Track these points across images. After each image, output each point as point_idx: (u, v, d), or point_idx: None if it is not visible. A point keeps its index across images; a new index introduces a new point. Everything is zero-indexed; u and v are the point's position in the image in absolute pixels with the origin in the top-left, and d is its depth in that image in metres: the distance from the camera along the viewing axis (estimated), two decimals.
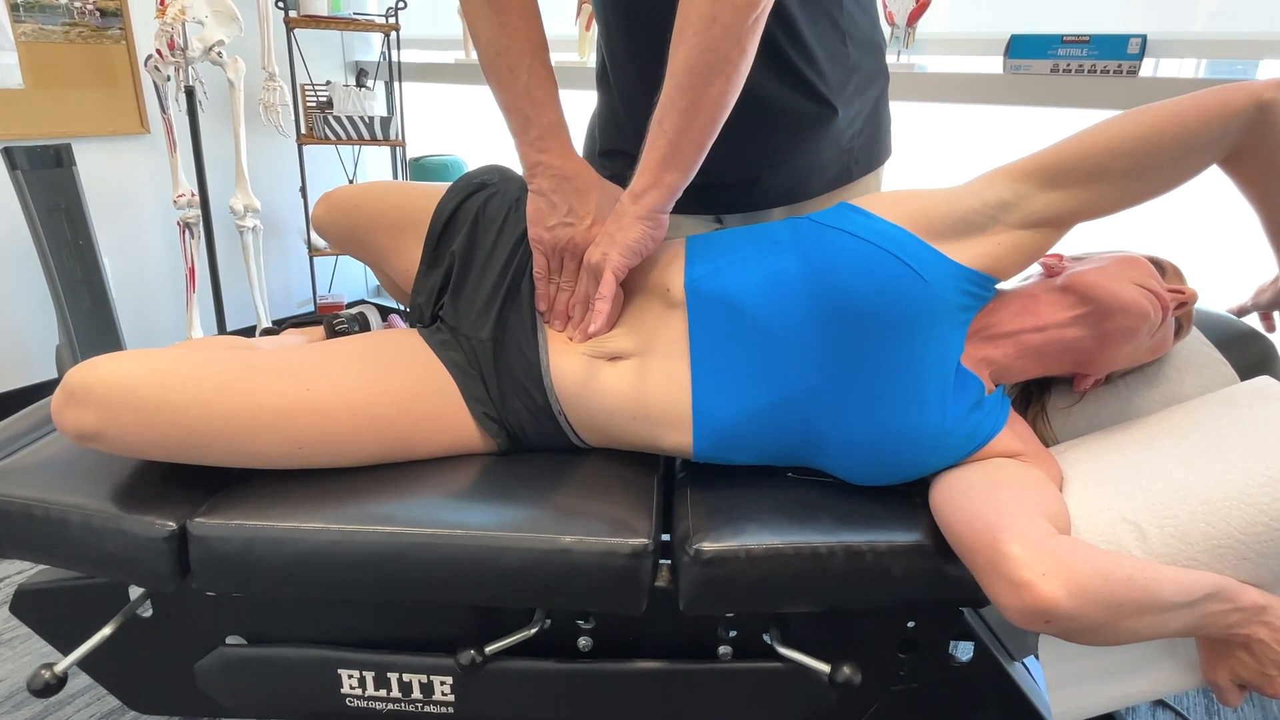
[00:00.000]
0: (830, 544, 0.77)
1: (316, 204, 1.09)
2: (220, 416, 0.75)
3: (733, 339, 0.82)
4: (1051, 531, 0.66)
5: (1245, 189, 0.83)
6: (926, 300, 0.77)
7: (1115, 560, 0.64)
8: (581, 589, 0.78)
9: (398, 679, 0.87)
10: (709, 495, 0.85)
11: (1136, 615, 0.63)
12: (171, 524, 0.78)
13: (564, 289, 0.88)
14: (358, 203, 1.06)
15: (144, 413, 0.73)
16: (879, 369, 0.78)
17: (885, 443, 0.80)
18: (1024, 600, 0.61)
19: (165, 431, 0.75)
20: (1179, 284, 0.87)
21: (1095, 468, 0.81)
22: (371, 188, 1.07)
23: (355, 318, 1.26)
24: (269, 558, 0.77)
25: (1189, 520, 0.72)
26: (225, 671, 0.89)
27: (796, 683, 0.85)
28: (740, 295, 0.82)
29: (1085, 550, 0.64)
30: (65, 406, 0.74)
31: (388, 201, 1.04)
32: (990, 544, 0.64)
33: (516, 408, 0.88)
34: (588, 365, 0.85)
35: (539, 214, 0.88)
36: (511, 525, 0.78)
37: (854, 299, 0.78)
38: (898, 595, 0.79)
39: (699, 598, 0.78)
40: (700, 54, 0.76)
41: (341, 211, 1.07)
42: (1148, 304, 0.80)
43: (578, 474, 0.87)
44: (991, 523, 0.66)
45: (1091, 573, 0.61)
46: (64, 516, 0.79)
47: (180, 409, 0.74)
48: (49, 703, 1.24)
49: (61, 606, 0.90)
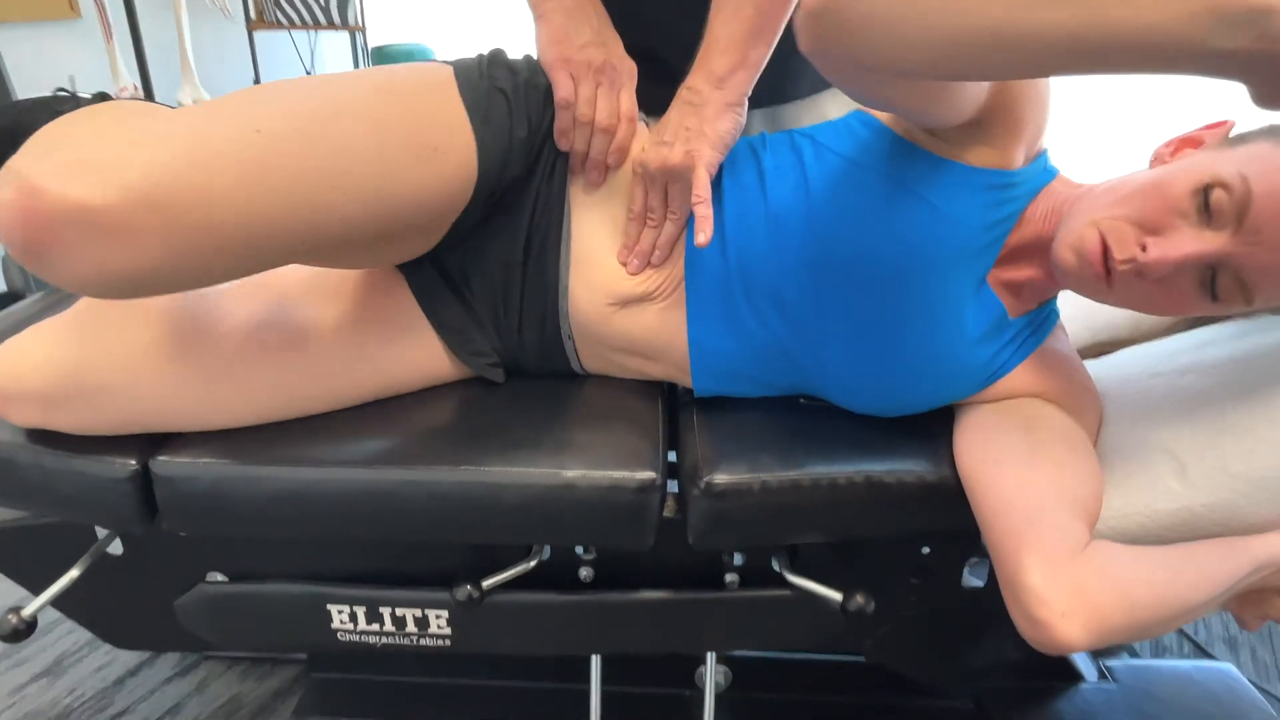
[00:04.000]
0: (849, 474, 0.73)
1: None
2: (160, 390, 0.68)
3: (727, 284, 0.75)
4: (1079, 545, 0.61)
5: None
6: (947, 241, 0.69)
7: (1145, 578, 0.61)
8: (585, 525, 0.73)
9: (390, 613, 0.83)
10: (719, 422, 0.79)
11: (1164, 625, 0.60)
12: (132, 462, 0.71)
13: (590, 111, 0.74)
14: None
15: (84, 402, 0.68)
16: (885, 315, 0.71)
17: (891, 384, 0.75)
18: (1039, 636, 0.58)
19: (110, 413, 0.69)
20: (1159, 239, 0.60)
21: (1139, 392, 0.76)
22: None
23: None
24: (245, 498, 0.71)
25: (1234, 452, 0.68)
26: (207, 609, 0.84)
27: (806, 610, 0.82)
28: (736, 238, 0.74)
29: (1112, 572, 0.60)
30: (4, 405, 0.69)
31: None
32: (1013, 564, 0.60)
33: (526, 336, 0.80)
34: (601, 303, 0.77)
35: (562, 33, 0.74)
36: (509, 459, 0.72)
37: (864, 253, 0.70)
38: (916, 524, 0.76)
39: (709, 532, 0.74)
40: None
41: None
42: (1077, 264, 0.63)
43: (577, 403, 0.81)
44: (1019, 529, 0.62)
45: (1116, 605, 0.58)
46: (10, 456, 0.72)
47: (123, 385, 0.67)
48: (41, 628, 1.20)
49: (26, 545, 0.84)
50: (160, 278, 0.54)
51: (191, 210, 0.53)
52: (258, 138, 0.56)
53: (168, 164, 0.52)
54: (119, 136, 0.54)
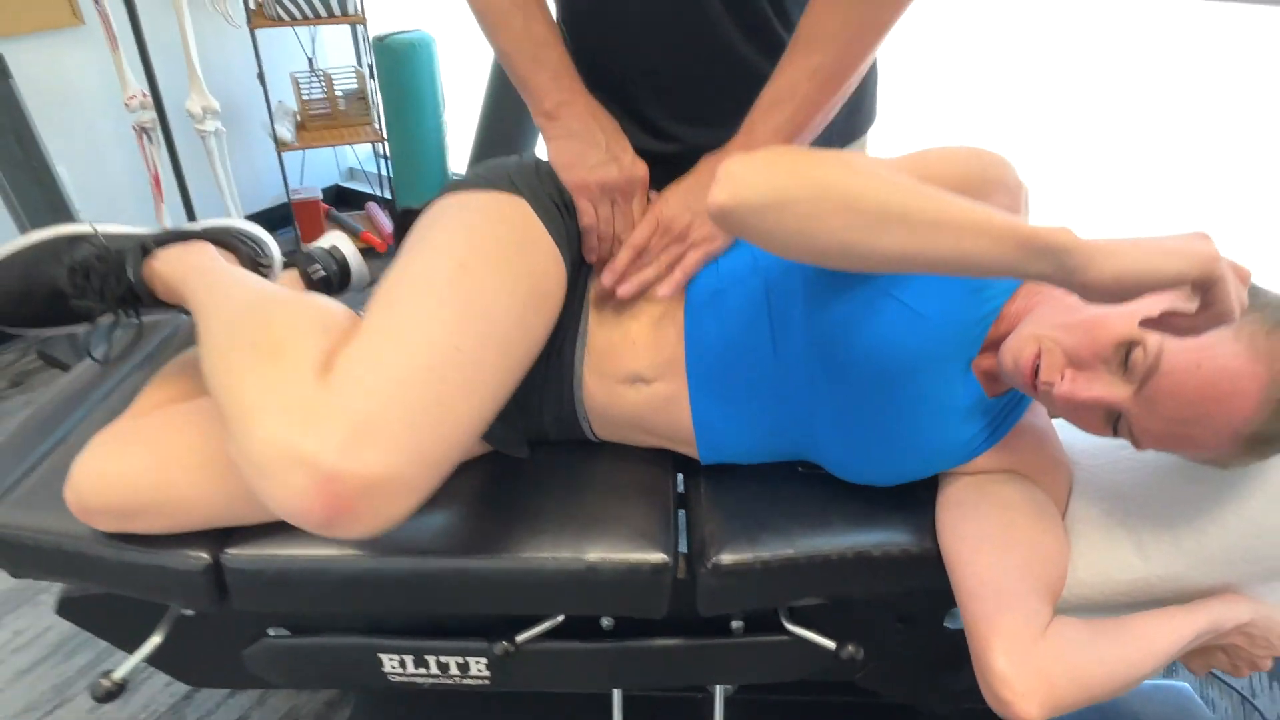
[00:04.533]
0: (841, 549, 0.82)
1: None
2: (234, 492, 0.75)
3: (729, 372, 0.82)
4: (1041, 628, 0.70)
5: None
6: (930, 339, 0.75)
7: (1099, 659, 0.69)
8: (606, 600, 0.82)
9: (436, 660, 0.94)
10: (724, 495, 0.88)
11: (1113, 695, 0.69)
12: (205, 556, 0.80)
13: (609, 237, 0.84)
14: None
15: (157, 512, 0.76)
16: (873, 405, 0.78)
17: (879, 462, 0.82)
18: (1002, 711, 0.67)
19: (182, 519, 0.78)
20: (1066, 372, 0.68)
21: (1108, 462, 0.83)
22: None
23: (330, 255, 1.21)
24: (306, 584, 0.81)
25: (1185, 530, 0.76)
26: (271, 659, 0.95)
27: (803, 652, 0.92)
28: (738, 330, 0.81)
29: (1070, 653, 0.68)
30: (81, 516, 0.77)
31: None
32: (983, 646, 0.69)
33: (546, 414, 0.88)
34: (611, 384, 0.85)
35: (577, 156, 0.81)
36: (537, 545, 0.81)
37: (851, 353, 0.76)
38: (902, 587, 0.85)
39: (716, 603, 0.83)
40: (856, 19, 0.73)
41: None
42: (1013, 370, 0.72)
43: (595, 478, 0.89)
44: (990, 614, 0.70)
45: (1070, 687, 0.67)
46: (99, 553, 0.81)
47: (191, 499, 0.76)
48: (99, 653, 1.33)
49: (111, 610, 0.94)
50: (425, 499, 0.62)
51: (449, 446, 0.62)
52: (459, 354, 0.64)
53: (419, 422, 0.59)
54: (353, 392, 0.59)
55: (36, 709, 1.25)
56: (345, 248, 1.23)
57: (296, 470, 0.55)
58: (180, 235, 0.83)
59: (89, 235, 0.83)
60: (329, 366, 0.61)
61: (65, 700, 1.26)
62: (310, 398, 0.58)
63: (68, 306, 0.83)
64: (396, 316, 0.66)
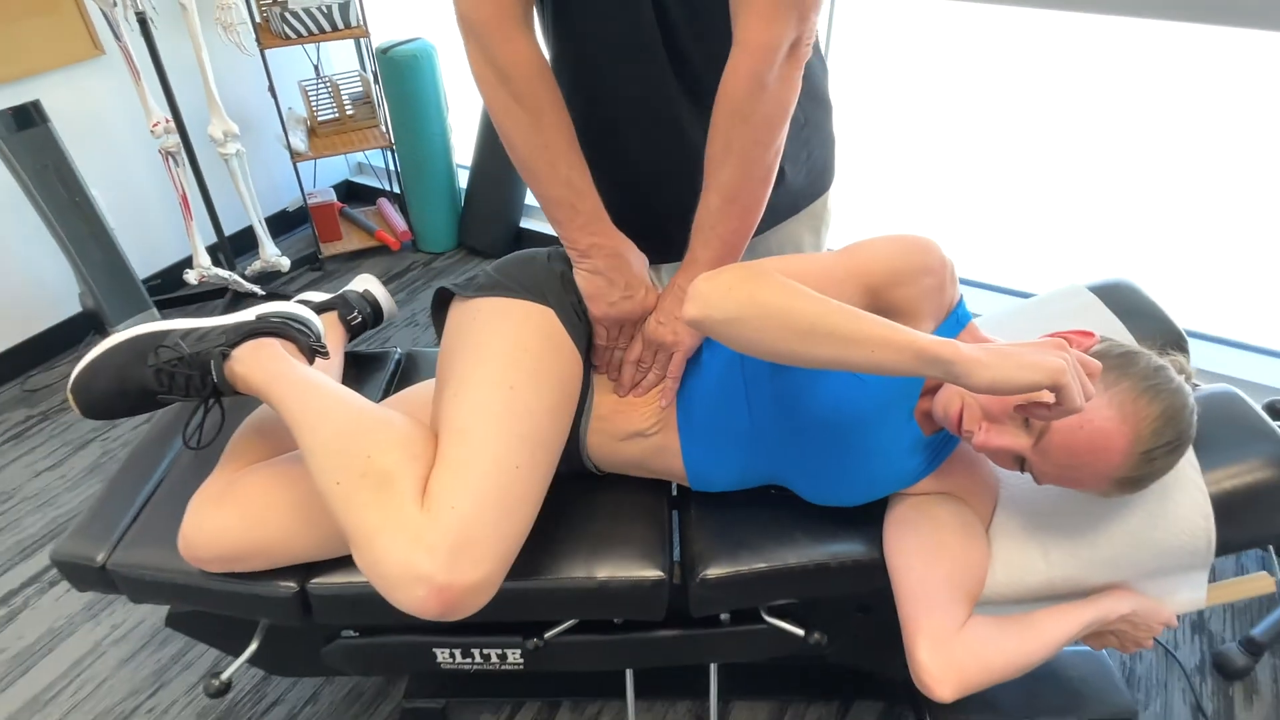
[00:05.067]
0: (804, 563, 1.01)
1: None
2: (315, 539, 0.95)
3: (712, 424, 1.00)
4: (958, 626, 0.88)
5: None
6: (872, 399, 0.92)
7: (1002, 651, 0.87)
8: (614, 608, 1.02)
9: (479, 652, 1.15)
10: (710, 517, 1.07)
11: (1014, 677, 0.88)
12: (293, 585, 1.00)
13: (621, 349, 1.02)
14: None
15: (261, 557, 0.95)
16: (830, 449, 0.96)
17: (836, 492, 1.00)
18: (923, 691, 0.87)
19: (275, 560, 0.98)
20: (984, 424, 0.84)
21: (1023, 494, 1.01)
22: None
23: (364, 299, 1.39)
24: (377, 606, 0.99)
25: (1082, 540, 0.94)
26: (345, 654, 1.16)
27: (778, 639, 1.12)
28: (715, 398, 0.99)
29: (980, 647, 0.87)
30: (193, 562, 0.98)
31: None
32: (911, 640, 0.88)
33: None
34: (612, 441, 1.03)
35: (599, 291, 0.97)
36: (556, 568, 1.00)
37: (811, 410, 0.93)
38: (858, 588, 1.04)
39: (704, 606, 1.03)
40: (746, 170, 0.89)
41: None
42: (943, 419, 0.88)
43: (601, 505, 1.08)
44: (918, 615, 0.89)
45: (978, 672, 0.85)
46: (205, 585, 1.01)
47: (281, 545, 0.95)
48: (186, 642, 1.55)
49: (213, 623, 1.15)
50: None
51: (516, 541, 0.86)
52: (519, 471, 0.86)
53: (498, 525, 0.83)
54: (448, 516, 0.80)
55: (140, 692, 1.47)
56: (375, 290, 1.40)
57: (418, 585, 0.78)
58: (250, 333, 0.98)
59: (167, 338, 0.98)
60: (426, 494, 0.82)
61: (164, 684, 1.49)
62: (418, 526, 0.79)
63: (155, 401, 0.99)
64: (468, 449, 0.86)
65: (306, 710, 1.43)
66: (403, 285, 2.61)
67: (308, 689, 1.46)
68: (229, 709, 1.43)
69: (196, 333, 0.99)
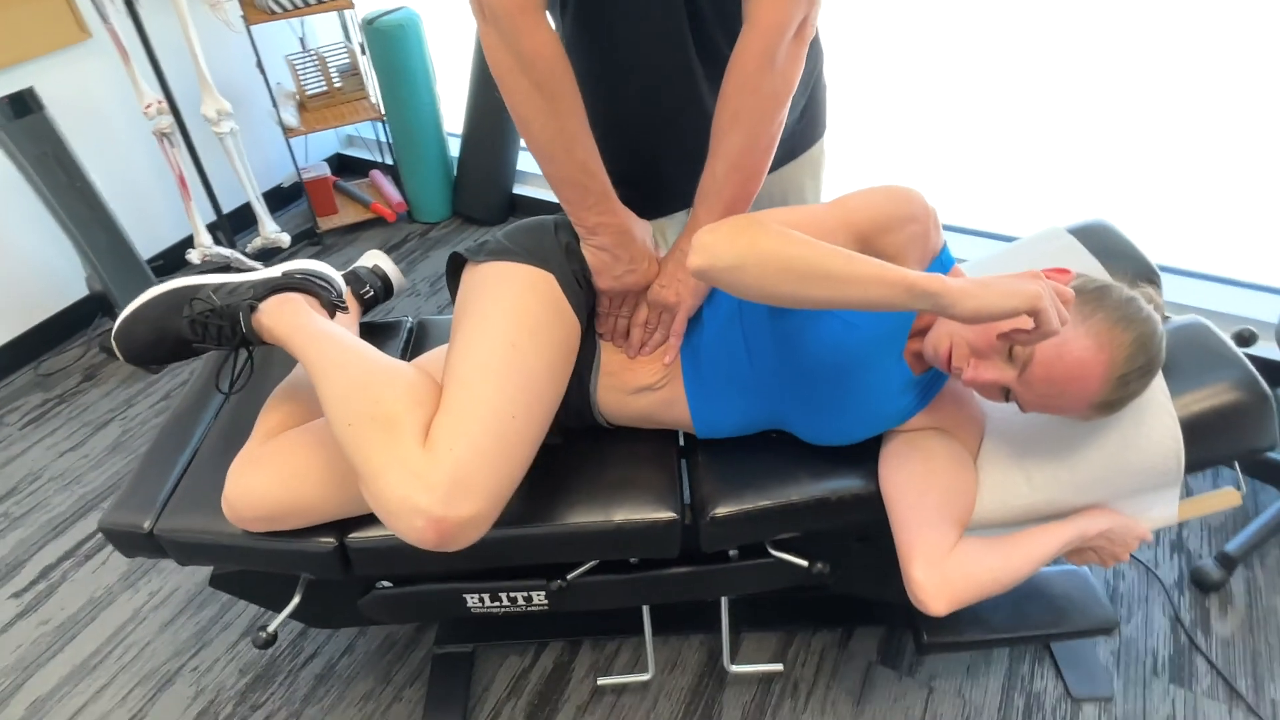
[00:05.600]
0: (806, 498, 1.08)
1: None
2: (349, 496, 1.01)
3: (716, 375, 1.07)
4: (949, 545, 0.96)
5: None
6: (863, 342, 0.98)
7: (990, 568, 0.95)
8: (631, 547, 1.10)
9: (506, 595, 1.23)
10: (716, 461, 1.14)
11: (1002, 593, 0.96)
12: (333, 540, 1.07)
13: (624, 317, 1.08)
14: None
15: (299, 515, 1.02)
16: (827, 390, 1.02)
17: (833, 431, 1.07)
18: (919, 607, 0.95)
19: (314, 518, 1.05)
20: (972, 358, 0.91)
21: (1008, 425, 1.08)
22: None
23: (374, 274, 1.45)
24: (411, 555, 1.07)
25: (1062, 464, 1.02)
26: (381, 604, 1.24)
27: (785, 570, 1.20)
28: (717, 350, 1.05)
29: (969, 565, 0.95)
30: (236, 523, 1.05)
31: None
32: (906, 561, 0.96)
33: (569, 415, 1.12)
34: (621, 395, 1.09)
35: (605, 266, 1.03)
36: (576, 512, 1.07)
37: (807, 356, 1.00)
38: (856, 520, 1.11)
39: (715, 542, 1.11)
40: (751, 140, 0.95)
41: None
42: (934, 359, 0.95)
43: (614, 455, 1.15)
44: (912, 538, 0.96)
45: (968, 588, 0.93)
46: (250, 544, 1.08)
47: (318, 504, 1.02)
48: (227, 599, 1.63)
49: (257, 581, 1.23)
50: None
51: (511, 483, 0.93)
52: (515, 421, 0.92)
53: (494, 467, 0.89)
54: (448, 458, 0.86)
55: (184, 653, 1.56)
56: (385, 264, 1.46)
57: (416, 517, 0.84)
58: (276, 287, 1.06)
59: (201, 291, 1.06)
60: (429, 436, 0.88)
61: (205, 644, 1.57)
62: (420, 464, 0.86)
63: (191, 349, 1.08)
64: (468, 398, 0.92)
65: (343, 661, 1.52)
66: (401, 256, 2.66)
67: (343, 641, 1.55)
68: (270, 663, 1.52)
69: (227, 287, 1.07)
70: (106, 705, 1.48)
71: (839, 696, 1.41)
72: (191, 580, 1.69)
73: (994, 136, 2.09)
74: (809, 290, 0.83)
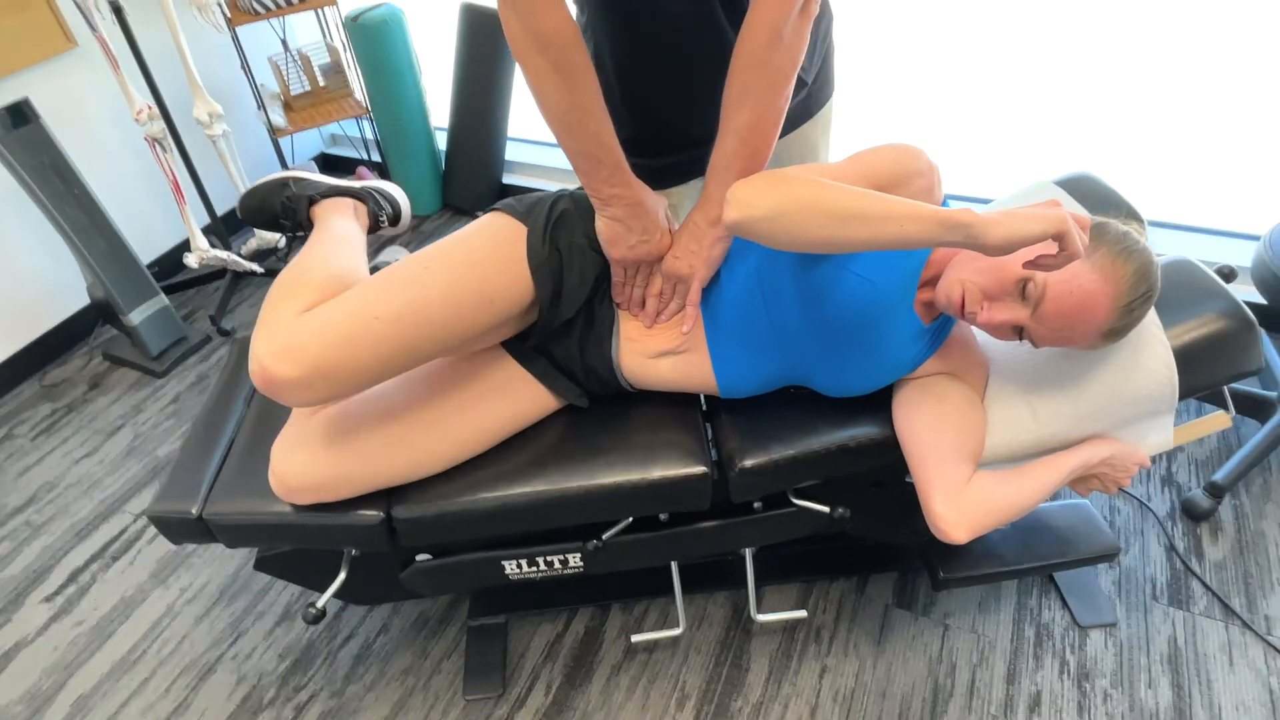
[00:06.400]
0: (828, 446, 1.14)
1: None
2: (394, 464, 1.08)
3: (737, 335, 1.12)
4: (965, 479, 1.03)
5: None
6: (878, 297, 1.04)
7: (1004, 496, 1.02)
8: (665, 502, 1.16)
9: (543, 559, 1.28)
10: (740, 418, 1.20)
11: (1018, 518, 1.03)
12: (379, 513, 1.12)
13: (639, 286, 1.12)
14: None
15: (339, 485, 1.09)
16: (845, 344, 1.08)
17: (851, 382, 1.13)
18: (940, 537, 1.01)
19: (359, 488, 1.11)
20: (984, 302, 0.97)
21: (1011, 365, 1.15)
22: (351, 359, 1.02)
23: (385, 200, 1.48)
24: (453, 523, 1.13)
25: (1065, 398, 1.09)
26: (423, 577, 1.29)
27: (806, 518, 1.27)
28: (737, 312, 1.11)
29: (985, 496, 1.01)
30: (285, 496, 1.11)
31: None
32: (926, 495, 1.02)
33: (592, 381, 1.18)
34: (643, 359, 1.14)
35: (618, 237, 1.07)
36: (612, 471, 1.13)
37: (826, 312, 1.05)
38: (873, 464, 1.18)
39: (743, 493, 1.17)
40: (760, 114, 1.00)
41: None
42: (946, 305, 1.00)
43: (642, 417, 1.20)
44: (930, 476, 1.03)
45: (985, 516, 1.00)
46: (298, 521, 1.12)
47: (363, 472, 1.09)
48: (259, 589, 1.67)
49: (301, 561, 1.27)
50: (332, 399, 1.00)
51: (343, 371, 0.97)
52: (376, 323, 0.98)
53: (328, 349, 0.95)
54: (302, 328, 0.96)
55: (221, 643, 1.60)
56: (398, 196, 1.49)
57: (254, 361, 0.95)
58: (339, 192, 1.29)
59: (299, 183, 1.29)
60: (309, 311, 0.99)
61: (241, 633, 1.61)
62: (281, 324, 0.97)
63: (277, 223, 1.30)
64: (357, 290, 1.02)
65: (379, 640, 1.57)
66: (394, 251, 2.68)
67: (378, 621, 1.60)
68: (308, 646, 1.57)
69: (311, 183, 1.30)
70: (151, 697, 1.52)
71: (860, 639, 1.48)
72: (222, 573, 1.73)
73: (966, 101, 2.15)
74: (848, 232, 0.87)
